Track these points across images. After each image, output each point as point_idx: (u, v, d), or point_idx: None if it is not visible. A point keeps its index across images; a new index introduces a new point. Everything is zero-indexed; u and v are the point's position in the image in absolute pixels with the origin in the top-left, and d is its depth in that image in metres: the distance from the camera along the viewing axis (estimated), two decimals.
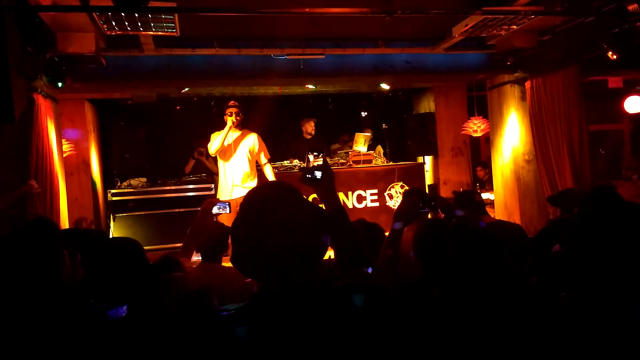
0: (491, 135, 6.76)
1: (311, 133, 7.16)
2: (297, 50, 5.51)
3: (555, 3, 4.31)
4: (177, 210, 6.29)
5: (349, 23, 4.94)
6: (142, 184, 6.37)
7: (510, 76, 6.18)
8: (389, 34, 5.48)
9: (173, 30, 4.36)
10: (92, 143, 6.81)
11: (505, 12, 4.24)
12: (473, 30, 4.73)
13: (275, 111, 7.99)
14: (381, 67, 5.97)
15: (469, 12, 4.27)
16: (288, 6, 4.05)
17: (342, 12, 3.89)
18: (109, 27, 4.22)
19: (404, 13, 3.67)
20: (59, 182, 4.89)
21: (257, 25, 5.03)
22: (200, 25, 4.88)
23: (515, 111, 6.24)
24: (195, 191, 6.44)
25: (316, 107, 7.87)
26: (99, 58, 4.77)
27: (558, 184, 5.63)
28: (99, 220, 6.81)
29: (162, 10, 3.80)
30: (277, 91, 7.22)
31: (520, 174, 6.22)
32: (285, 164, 6.68)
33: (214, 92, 6.95)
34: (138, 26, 4.16)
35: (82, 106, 6.58)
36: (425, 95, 7.94)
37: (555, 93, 5.61)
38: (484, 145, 8.25)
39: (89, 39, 4.55)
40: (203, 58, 5.51)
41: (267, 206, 1.22)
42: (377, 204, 6.77)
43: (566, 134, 5.56)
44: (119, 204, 6.18)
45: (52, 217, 4.68)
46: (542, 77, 5.72)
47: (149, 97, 6.46)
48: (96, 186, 6.82)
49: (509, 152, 6.35)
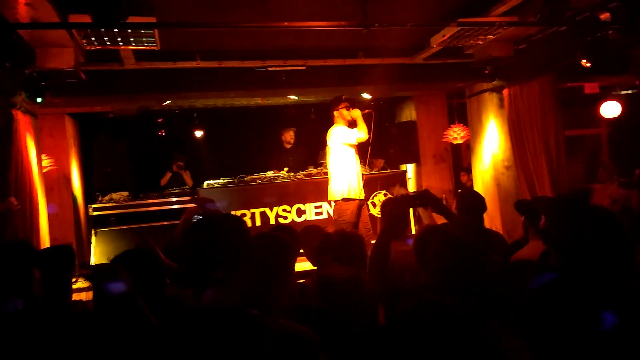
0: (471, 143, 6.86)
1: (290, 142, 7.20)
2: (279, 62, 5.56)
3: (530, 13, 4.42)
4: (161, 223, 6.24)
5: (329, 35, 5.00)
6: (124, 198, 6.32)
7: (488, 84, 6.29)
8: (369, 45, 5.55)
9: (153, 44, 4.36)
10: (73, 157, 6.75)
11: (480, 24, 4.32)
12: (450, 40, 4.81)
13: (258, 122, 8.04)
14: (362, 77, 6.03)
15: (445, 24, 4.35)
16: (268, 20, 4.09)
17: (320, 25, 3.94)
18: (88, 42, 4.20)
19: (381, 26, 3.73)
20: (38, 198, 4.84)
21: (238, 38, 5.06)
22: (181, 38, 4.89)
23: (494, 118, 6.35)
24: (178, 204, 6.40)
25: (299, 117, 7.92)
26: (79, 73, 4.74)
27: (537, 189, 5.73)
28: (80, 235, 6.73)
29: (142, 27, 3.81)
30: (259, 102, 7.25)
31: (500, 180, 6.31)
32: (269, 174, 6.69)
33: (196, 104, 6.95)
34: (117, 41, 4.15)
35: (62, 120, 6.53)
36: (406, 103, 8.03)
37: (532, 100, 5.73)
38: (465, 152, 8.36)
39: (68, 54, 4.52)
40: (184, 71, 5.51)
41: None
42: None
43: (543, 140, 5.67)
44: (100, 219, 6.12)
45: (32, 233, 4.62)
46: (519, 85, 5.84)
47: (130, 110, 6.44)
48: (77, 201, 6.75)
49: (489, 159, 6.45)
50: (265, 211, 6.41)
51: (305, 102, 7.61)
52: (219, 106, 7.16)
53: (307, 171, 6.81)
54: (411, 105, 7.83)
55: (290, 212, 6.52)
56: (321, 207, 6.64)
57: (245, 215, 6.34)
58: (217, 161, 8.01)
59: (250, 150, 8.07)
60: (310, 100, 7.55)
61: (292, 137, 7.19)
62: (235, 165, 7.18)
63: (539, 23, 4.41)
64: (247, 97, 6.79)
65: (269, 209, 6.43)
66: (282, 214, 6.48)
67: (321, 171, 6.90)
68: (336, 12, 4.19)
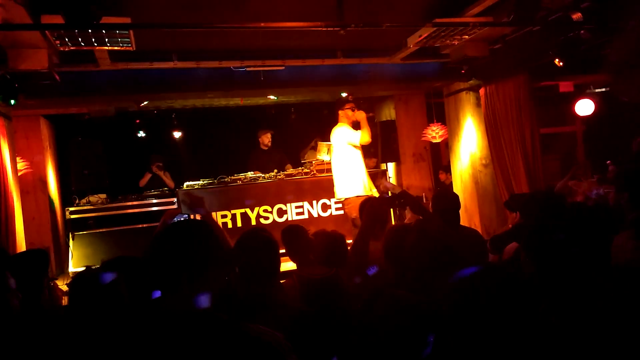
0: (450, 141, 6.94)
1: (267, 145, 7.25)
2: (257, 62, 5.55)
3: (503, 14, 4.49)
4: (140, 226, 6.18)
5: (307, 35, 5.00)
6: (102, 201, 6.24)
7: (465, 84, 6.37)
8: (347, 45, 5.58)
9: (129, 45, 4.31)
10: (49, 160, 6.64)
11: (455, 24, 4.38)
12: (427, 40, 4.86)
13: (237, 122, 8.01)
14: (341, 76, 6.06)
15: (420, 24, 4.40)
16: (245, 20, 4.07)
17: (297, 26, 3.94)
18: (62, 43, 4.14)
19: (357, 26, 3.75)
20: (14, 202, 4.75)
21: (215, 38, 5.04)
22: (158, 38, 4.85)
23: (472, 117, 6.43)
24: (157, 206, 6.34)
25: (278, 117, 7.92)
26: (53, 74, 4.67)
27: (514, 186, 5.82)
28: (58, 239, 6.63)
29: (115, 27, 3.77)
30: (238, 102, 7.22)
31: (478, 177, 6.40)
32: (249, 175, 6.67)
33: (175, 104, 6.90)
34: (92, 41, 4.10)
35: (37, 122, 6.41)
36: (386, 103, 8.08)
37: (508, 99, 5.82)
38: (444, 150, 8.44)
39: (42, 55, 4.45)
40: (161, 71, 5.46)
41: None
42: (342, 212, 6.82)
43: (519, 138, 5.77)
44: (78, 222, 6.03)
45: (7, 238, 4.54)
46: (494, 84, 5.93)
47: (107, 111, 6.35)
48: (54, 204, 6.64)
49: (467, 157, 6.54)
50: (246, 212, 6.39)
51: (285, 102, 7.61)
52: (198, 107, 7.11)
53: (288, 171, 6.82)
54: (391, 105, 7.88)
55: (272, 212, 6.51)
56: (302, 207, 6.65)
57: (226, 217, 6.32)
58: (197, 162, 7.96)
59: (230, 151, 8.04)
60: (290, 100, 7.55)
61: (269, 140, 7.22)
62: (215, 166, 7.14)
63: (511, 23, 4.48)
64: (226, 98, 6.76)
65: (249, 210, 6.42)
66: (263, 215, 6.47)
67: (302, 171, 6.90)
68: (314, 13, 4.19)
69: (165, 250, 1.27)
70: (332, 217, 6.73)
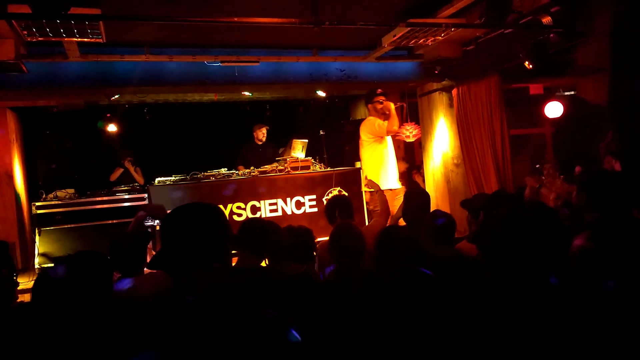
0: (423, 141, 7.02)
1: (262, 140, 7.25)
2: (232, 58, 5.50)
3: (476, 16, 4.57)
4: (110, 221, 6.05)
5: (282, 31, 4.99)
6: (70, 196, 6.08)
7: (438, 84, 6.46)
8: (322, 43, 5.59)
9: (99, 37, 4.23)
10: (15, 153, 6.45)
11: (428, 25, 4.44)
12: (401, 40, 4.91)
13: (212, 118, 7.93)
14: (316, 75, 6.07)
15: (394, 24, 4.44)
16: (217, 15, 4.04)
17: (271, 22, 3.93)
18: (29, 34, 4.04)
19: (331, 24, 3.76)
20: None
21: (189, 32, 4.98)
22: (129, 31, 4.77)
23: (444, 117, 6.52)
24: (128, 202, 6.21)
25: (254, 114, 7.87)
26: (20, 65, 4.56)
27: (484, 186, 5.93)
28: (24, 234, 6.46)
29: (85, 18, 3.69)
30: (213, 98, 7.15)
31: (450, 177, 6.50)
32: (222, 171, 6.58)
33: (146, 99, 6.78)
34: (60, 32, 4.01)
35: (3, 114, 6.23)
36: (361, 101, 8.11)
37: (479, 100, 5.92)
38: (418, 150, 8.53)
39: (8, 45, 4.34)
40: (133, 65, 5.37)
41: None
42: (315, 209, 6.82)
43: (490, 139, 5.87)
44: (44, 217, 5.86)
45: None
46: (466, 85, 6.02)
47: (77, 104, 6.22)
48: (20, 199, 6.47)
49: (439, 157, 6.63)
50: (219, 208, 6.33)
51: (261, 99, 7.57)
52: (171, 101, 7.02)
53: (262, 168, 6.79)
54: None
55: (245, 209, 6.47)
56: (276, 204, 6.62)
57: None
58: (169, 158, 7.84)
59: (203, 147, 7.95)
60: (265, 97, 7.52)
61: (264, 135, 7.24)
62: (187, 162, 7.05)
63: (483, 25, 4.56)
64: (200, 93, 6.69)
65: (222, 206, 6.36)
66: (236, 212, 6.42)
67: (276, 168, 6.88)
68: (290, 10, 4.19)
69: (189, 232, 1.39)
70: (306, 215, 6.72)
